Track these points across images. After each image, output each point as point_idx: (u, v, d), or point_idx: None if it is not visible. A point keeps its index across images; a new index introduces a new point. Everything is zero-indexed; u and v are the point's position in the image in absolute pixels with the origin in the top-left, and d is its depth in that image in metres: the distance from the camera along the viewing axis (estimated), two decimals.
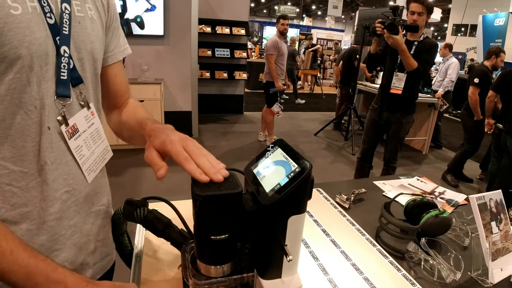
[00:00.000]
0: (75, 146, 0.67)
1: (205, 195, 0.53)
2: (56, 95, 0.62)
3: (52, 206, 0.64)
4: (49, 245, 0.66)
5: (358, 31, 6.41)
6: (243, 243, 0.63)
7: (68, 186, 0.67)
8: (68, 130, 0.65)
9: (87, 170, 0.71)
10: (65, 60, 0.62)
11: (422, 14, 2.78)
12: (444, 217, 1.05)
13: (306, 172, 0.53)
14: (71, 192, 0.68)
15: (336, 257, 0.92)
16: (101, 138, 0.76)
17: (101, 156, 0.76)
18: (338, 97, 6.72)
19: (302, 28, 19.39)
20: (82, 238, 0.73)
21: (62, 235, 0.68)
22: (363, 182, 1.50)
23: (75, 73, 0.66)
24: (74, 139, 0.67)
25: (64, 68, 0.62)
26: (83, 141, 0.70)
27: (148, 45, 4.68)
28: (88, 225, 0.75)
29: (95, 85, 0.75)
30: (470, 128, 4.25)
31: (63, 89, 0.63)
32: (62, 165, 0.65)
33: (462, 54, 15.08)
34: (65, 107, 0.64)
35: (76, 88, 0.67)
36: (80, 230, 0.72)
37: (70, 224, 0.69)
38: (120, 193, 3.40)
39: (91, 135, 0.72)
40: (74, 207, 0.69)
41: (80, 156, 0.68)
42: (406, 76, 2.89)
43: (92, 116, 0.73)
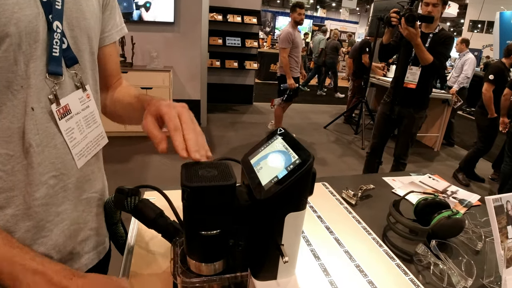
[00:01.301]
0: (65, 128, 0.63)
1: (193, 186, 0.47)
2: (48, 72, 0.58)
3: (37, 191, 0.61)
4: (35, 231, 0.63)
5: (372, 23, 6.26)
6: (236, 240, 0.57)
7: (55, 170, 0.63)
8: (59, 110, 0.61)
9: (78, 154, 0.66)
10: (57, 36, 0.58)
11: (437, 5, 2.67)
12: (457, 218, 0.99)
13: (307, 164, 0.47)
14: (59, 177, 0.64)
15: (339, 257, 0.86)
16: (96, 122, 0.72)
17: (94, 141, 0.72)
18: (350, 90, 6.61)
19: (316, 19, 19.12)
20: (72, 226, 0.69)
21: (49, 221, 0.64)
22: (372, 177, 1.43)
23: (69, 52, 0.62)
24: (65, 120, 0.63)
25: (56, 45, 0.58)
26: (75, 123, 0.65)
27: (158, 32, 4.63)
28: (78, 212, 0.71)
29: (92, 66, 0.71)
30: (484, 126, 4.14)
31: (55, 66, 0.59)
32: (49, 148, 0.61)
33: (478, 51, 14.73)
34: (57, 85, 0.60)
35: (71, 68, 0.63)
36: (69, 217, 0.68)
37: (58, 210, 0.65)
38: (127, 180, 3.39)
39: (84, 119, 0.68)
40: (62, 193, 0.65)
41: (71, 139, 0.64)
42: (421, 70, 2.79)
43: (88, 98, 0.69)
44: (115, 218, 0.84)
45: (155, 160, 3.94)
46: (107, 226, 0.86)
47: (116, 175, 3.45)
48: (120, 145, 4.18)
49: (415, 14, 2.55)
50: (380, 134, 3.12)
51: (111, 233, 0.88)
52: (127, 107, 0.81)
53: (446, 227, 0.98)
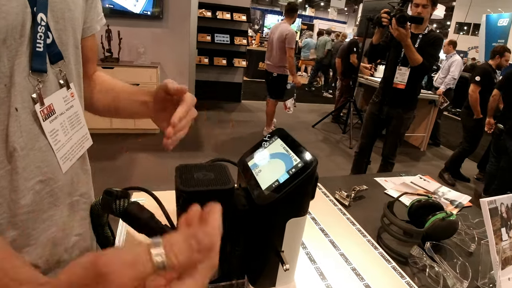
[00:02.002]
0: (50, 130, 0.58)
1: (189, 190, 0.44)
2: (31, 69, 0.53)
3: (23, 198, 0.56)
4: (21, 240, 0.58)
5: (361, 22, 6.28)
6: (233, 245, 0.55)
7: (42, 175, 0.58)
8: (43, 110, 0.56)
9: (62, 158, 0.62)
10: (42, 30, 0.53)
11: (426, 7, 2.68)
12: (451, 220, 0.99)
13: (310, 168, 0.45)
14: (45, 182, 0.59)
15: (335, 260, 0.84)
16: (80, 123, 0.68)
17: (78, 143, 0.68)
18: (338, 89, 6.62)
19: (304, 18, 19.15)
20: (59, 233, 0.65)
21: (35, 229, 0.60)
22: (364, 178, 1.42)
23: (54, 48, 0.58)
24: (50, 122, 0.58)
25: (41, 39, 0.53)
26: (60, 124, 0.61)
27: (145, 27, 4.54)
28: (65, 218, 0.66)
29: (76, 60, 0.66)
30: (470, 127, 4.19)
31: (39, 63, 0.54)
32: (34, 151, 0.57)
33: (463, 53, 14.98)
34: (40, 83, 0.55)
35: (55, 65, 0.59)
36: (56, 224, 0.64)
37: (44, 217, 0.61)
38: (113, 178, 3.32)
39: (69, 119, 0.64)
40: (48, 199, 0.61)
41: (55, 142, 0.60)
42: (410, 70, 2.80)
43: (72, 98, 0.64)
44: (102, 221, 0.80)
45: (142, 157, 3.88)
46: (93, 228, 0.82)
47: (103, 172, 3.37)
48: (106, 142, 4.10)
49: (406, 15, 2.55)
50: (369, 134, 3.13)
51: (97, 235, 0.84)
52: (128, 98, 0.82)
53: (440, 229, 0.98)
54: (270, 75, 4.71)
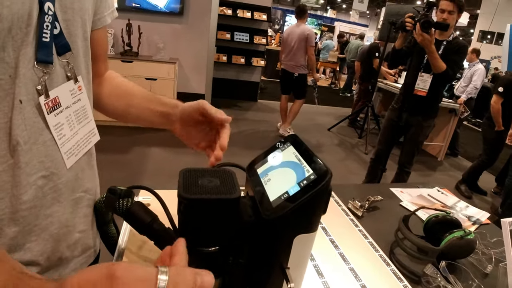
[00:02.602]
0: (54, 123, 0.56)
1: (191, 198, 0.41)
2: (36, 60, 0.51)
3: (25, 193, 0.54)
4: (22, 236, 0.56)
5: (383, 26, 6.16)
6: (236, 257, 0.51)
7: (45, 170, 0.56)
8: (48, 102, 0.54)
9: (67, 153, 0.60)
10: (49, 19, 0.51)
11: (452, 13, 2.60)
12: (469, 239, 0.93)
13: (324, 182, 0.41)
14: (48, 177, 0.57)
15: (345, 275, 0.80)
16: (87, 118, 0.66)
17: (85, 138, 0.65)
18: (356, 93, 6.53)
19: (325, 20, 18.99)
20: (61, 229, 0.63)
21: (36, 225, 0.58)
22: (379, 188, 1.37)
23: (61, 39, 0.55)
24: (54, 115, 0.56)
25: (47, 29, 0.51)
26: (65, 118, 0.59)
27: (165, 23, 4.56)
28: (68, 214, 0.64)
29: (85, 53, 0.64)
30: (490, 139, 4.07)
31: (45, 53, 0.52)
32: (38, 145, 0.55)
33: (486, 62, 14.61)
34: (46, 75, 0.53)
35: (62, 57, 0.57)
36: (59, 221, 0.62)
37: (46, 213, 0.59)
38: (124, 172, 3.34)
39: (75, 113, 0.62)
40: (52, 194, 0.59)
41: (60, 136, 0.58)
42: (432, 77, 2.72)
43: (80, 91, 0.62)
44: (107, 218, 0.78)
45: (155, 152, 3.89)
46: (98, 226, 0.80)
47: (113, 165, 3.39)
48: (120, 135, 4.12)
49: (431, 20, 2.47)
50: (386, 140, 3.05)
51: (102, 233, 0.82)
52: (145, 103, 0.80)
53: (457, 248, 0.92)
54: (291, 76, 4.85)
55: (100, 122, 1.24)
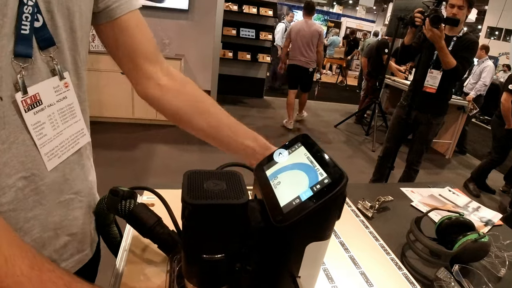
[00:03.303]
0: (33, 122, 0.52)
1: (196, 203, 0.38)
2: (14, 54, 0.47)
3: (4, 195, 0.51)
4: None
5: (391, 22, 6.08)
6: (243, 264, 0.49)
7: (25, 171, 0.53)
8: (25, 99, 0.50)
9: (48, 154, 0.56)
10: (28, 10, 0.47)
11: (462, 8, 2.54)
12: (483, 242, 0.90)
13: (339, 187, 0.38)
14: (29, 178, 0.54)
15: (356, 279, 0.77)
16: (75, 117, 0.61)
17: (71, 139, 0.61)
18: (363, 90, 6.46)
19: (332, 16, 18.82)
20: (46, 233, 0.60)
21: (18, 228, 0.54)
22: (389, 187, 1.34)
23: (44, 32, 0.51)
24: (33, 113, 0.52)
25: (27, 20, 0.48)
26: (47, 117, 0.55)
27: (171, 19, 4.53)
28: (55, 217, 0.61)
29: (72, 46, 0.59)
30: (500, 137, 4.00)
31: (24, 47, 0.48)
32: (17, 144, 0.51)
33: (494, 59, 14.40)
34: (24, 70, 0.50)
35: (45, 51, 0.53)
36: (42, 224, 0.58)
37: (27, 216, 0.55)
38: (130, 169, 3.32)
39: (60, 112, 0.58)
40: (33, 197, 0.55)
41: (39, 136, 0.54)
42: (442, 74, 2.67)
43: (66, 88, 0.58)
44: (109, 219, 0.76)
45: (162, 149, 3.87)
46: (99, 227, 0.78)
47: (118, 162, 3.38)
48: (126, 132, 4.11)
49: (441, 15, 2.42)
50: (394, 138, 3.01)
51: (104, 234, 0.79)
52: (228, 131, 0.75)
53: (471, 251, 0.89)
54: (304, 70, 5.04)
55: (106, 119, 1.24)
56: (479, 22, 18.04)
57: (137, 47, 0.72)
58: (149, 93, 0.76)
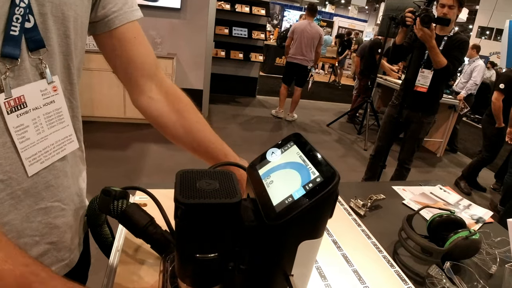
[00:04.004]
0: (16, 125, 0.51)
1: (189, 203, 0.38)
2: (1, 54, 0.47)
3: None
4: None
5: (383, 21, 6.12)
6: (236, 263, 0.49)
7: (3, 173, 0.51)
8: (8, 101, 0.49)
9: (30, 158, 0.54)
10: (20, 12, 0.47)
11: (453, 8, 2.56)
12: (474, 239, 0.91)
13: (331, 185, 0.38)
14: (6, 182, 0.52)
15: (348, 277, 0.77)
16: (62, 122, 0.60)
17: (57, 145, 0.60)
18: (355, 89, 6.50)
19: (324, 15, 18.89)
20: (22, 239, 0.58)
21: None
22: (381, 186, 1.35)
23: (35, 33, 0.51)
24: (17, 115, 0.51)
25: (17, 22, 0.47)
26: (32, 121, 0.54)
27: (163, 18, 4.50)
28: (33, 223, 0.59)
29: (65, 51, 0.58)
30: (490, 135, 4.05)
31: (11, 47, 0.48)
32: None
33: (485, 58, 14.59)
34: (10, 71, 0.49)
35: (34, 53, 0.52)
36: (17, 229, 0.57)
37: (3, 221, 0.54)
38: (122, 168, 3.30)
39: (46, 116, 0.56)
40: (9, 201, 0.54)
41: (22, 139, 0.52)
42: (433, 73, 2.69)
43: (54, 92, 0.57)
44: (100, 220, 0.75)
45: (154, 149, 3.85)
46: (91, 228, 0.77)
47: (111, 162, 3.36)
48: (118, 131, 4.09)
49: (431, 15, 2.44)
50: (386, 137, 3.03)
51: (95, 234, 0.79)
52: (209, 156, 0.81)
53: (462, 248, 0.90)
54: (302, 68, 5.41)
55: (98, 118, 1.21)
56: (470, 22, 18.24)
57: (133, 60, 0.72)
58: (139, 104, 0.77)
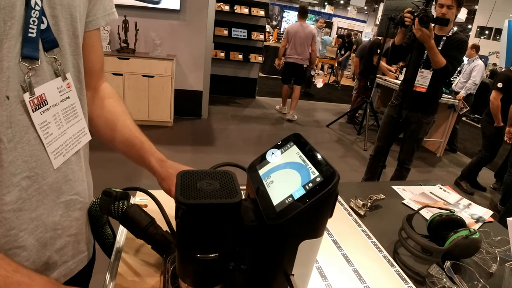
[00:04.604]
0: (40, 121, 0.54)
1: (190, 203, 0.39)
2: (21, 56, 0.49)
3: (8, 194, 0.52)
4: (6, 241, 0.54)
5: (382, 22, 6.12)
6: (237, 263, 0.49)
7: (29, 170, 0.54)
8: (32, 100, 0.52)
9: (54, 152, 0.57)
10: (36, 14, 0.49)
11: (451, 8, 2.57)
12: (474, 238, 0.91)
13: (331, 185, 0.38)
14: (33, 178, 0.55)
15: (349, 277, 0.78)
16: (77, 116, 0.63)
17: (74, 138, 0.63)
18: (355, 89, 6.50)
19: (323, 16, 18.92)
20: (48, 233, 0.61)
21: (23, 230, 0.55)
22: (381, 186, 1.35)
23: (49, 34, 0.53)
24: (40, 113, 0.54)
25: (34, 24, 0.49)
26: (53, 117, 0.57)
27: (162, 19, 4.51)
28: (56, 217, 0.62)
29: (74, 50, 0.61)
30: (489, 135, 4.05)
31: (31, 49, 0.50)
32: (22, 144, 0.52)
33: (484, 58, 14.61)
34: (31, 71, 0.51)
35: (49, 53, 0.55)
36: (44, 224, 0.59)
37: (32, 216, 0.56)
38: (122, 170, 3.30)
39: (64, 111, 0.59)
40: (37, 196, 0.56)
41: (46, 135, 0.55)
42: (432, 73, 2.70)
43: (68, 88, 0.60)
44: (102, 221, 0.76)
45: None
46: (93, 228, 0.78)
47: (111, 163, 3.35)
48: None
49: (430, 15, 2.44)
50: (385, 137, 3.03)
51: (97, 235, 0.79)
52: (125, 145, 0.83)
53: (462, 247, 0.90)
54: (299, 67, 5.67)
55: None
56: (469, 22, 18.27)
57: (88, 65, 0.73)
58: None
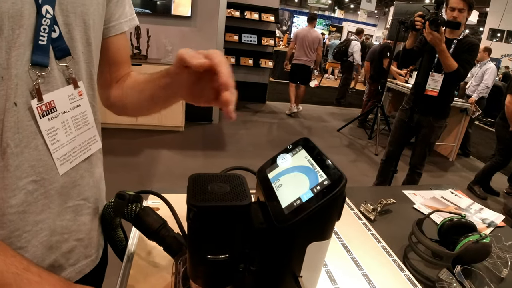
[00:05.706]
0: (47, 128, 0.55)
1: (201, 205, 0.40)
2: (31, 62, 0.50)
3: (13, 197, 0.53)
4: (9, 241, 0.55)
5: (392, 26, 6.11)
6: (247, 264, 0.50)
7: (36, 175, 0.55)
8: (40, 106, 0.53)
9: (60, 159, 0.58)
10: (46, 22, 0.51)
11: (463, 11, 2.55)
12: (485, 243, 0.90)
13: (338, 188, 0.39)
14: (39, 183, 0.56)
15: (358, 281, 0.78)
16: (87, 124, 0.64)
17: (83, 145, 0.64)
18: (366, 94, 6.48)
19: (333, 20, 18.92)
20: (54, 237, 0.61)
21: (26, 231, 0.57)
22: (391, 190, 1.35)
23: (61, 42, 0.55)
24: (48, 119, 0.55)
25: (44, 32, 0.51)
26: (61, 123, 0.58)
27: (174, 26, 4.57)
28: (63, 221, 0.63)
29: (87, 58, 0.62)
30: (504, 139, 3.99)
31: (41, 56, 0.51)
32: (29, 149, 0.54)
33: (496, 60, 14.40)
34: (40, 78, 0.53)
35: (61, 61, 0.56)
36: (50, 227, 0.60)
37: (36, 219, 0.57)
38: (134, 174, 3.35)
39: (73, 119, 0.60)
40: (43, 200, 0.58)
41: (53, 141, 0.56)
42: (443, 77, 2.68)
43: (80, 96, 0.61)
44: (114, 223, 0.77)
45: (165, 154, 3.90)
46: (105, 231, 0.79)
47: (123, 168, 3.40)
48: (130, 138, 4.15)
49: (440, 18, 2.44)
50: (397, 141, 3.01)
51: (110, 238, 0.81)
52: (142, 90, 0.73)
53: (473, 252, 0.90)
54: (306, 68, 6.25)
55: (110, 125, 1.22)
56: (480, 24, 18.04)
57: (115, 64, 0.76)
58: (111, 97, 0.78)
